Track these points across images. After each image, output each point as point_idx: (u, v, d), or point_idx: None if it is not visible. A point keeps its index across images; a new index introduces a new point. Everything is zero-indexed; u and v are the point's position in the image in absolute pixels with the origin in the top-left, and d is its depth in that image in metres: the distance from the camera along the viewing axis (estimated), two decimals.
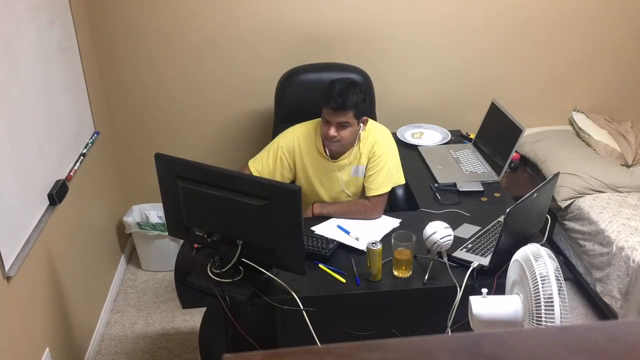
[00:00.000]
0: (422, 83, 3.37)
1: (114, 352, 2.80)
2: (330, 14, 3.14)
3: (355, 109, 2.32)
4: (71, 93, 2.63)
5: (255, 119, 3.33)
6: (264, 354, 0.68)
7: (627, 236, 2.71)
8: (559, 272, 1.59)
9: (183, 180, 1.96)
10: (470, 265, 2.04)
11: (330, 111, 2.31)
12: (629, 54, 3.46)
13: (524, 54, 3.36)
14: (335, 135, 2.33)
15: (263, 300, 1.95)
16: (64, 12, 2.61)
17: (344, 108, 2.29)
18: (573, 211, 3.02)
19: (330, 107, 2.30)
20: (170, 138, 3.32)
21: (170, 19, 3.07)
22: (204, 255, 2.11)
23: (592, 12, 3.31)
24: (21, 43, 2.14)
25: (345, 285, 2.04)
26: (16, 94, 2.08)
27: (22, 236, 2.07)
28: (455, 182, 2.77)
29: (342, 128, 2.33)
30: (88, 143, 2.78)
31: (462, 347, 0.69)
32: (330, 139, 2.35)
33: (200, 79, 3.22)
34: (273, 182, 2.03)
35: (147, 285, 3.25)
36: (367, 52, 3.20)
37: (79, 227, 2.71)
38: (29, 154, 2.17)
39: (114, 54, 3.11)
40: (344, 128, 2.33)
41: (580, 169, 3.08)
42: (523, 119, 2.86)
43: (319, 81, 2.51)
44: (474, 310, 1.65)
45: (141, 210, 3.32)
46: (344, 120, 2.32)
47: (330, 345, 0.68)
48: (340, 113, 2.30)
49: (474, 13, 3.23)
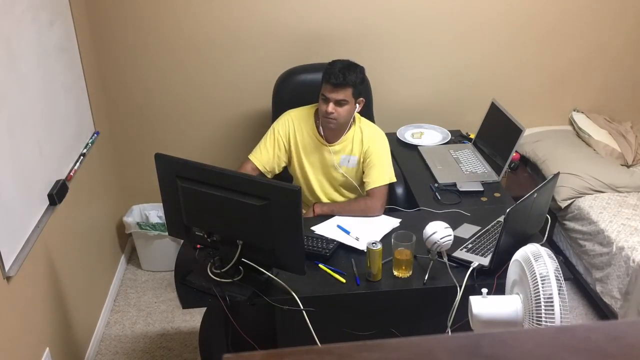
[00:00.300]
0: (422, 83, 3.37)
1: (114, 352, 2.80)
2: (329, 14, 3.14)
3: (354, 87, 2.38)
4: (71, 93, 2.63)
5: (254, 118, 3.33)
6: (264, 354, 0.68)
7: (627, 236, 2.71)
8: (559, 272, 1.59)
9: (183, 180, 1.96)
10: (470, 265, 2.03)
11: (330, 87, 2.37)
12: (629, 54, 3.46)
13: (524, 54, 3.36)
14: (332, 112, 2.39)
15: (263, 300, 1.94)
16: (64, 12, 2.61)
17: (344, 84, 2.35)
18: (573, 211, 3.02)
19: (331, 82, 2.36)
20: (170, 138, 3.32)
21: (169, 19, 3.07)
22: (204, 255, 2.11)
23: (592, 12, 3.31)
24: (21, 43, 2.14)
25: (345, 285, 2.04)
26: (16, 94, 2.08)
27: (22, 236, 2.07)
28: (455, 182, 2.77)
29: (340, 105, 2.39)
30: (88, 143, 2.78)
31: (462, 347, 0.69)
32: (328, 115, 2.40)
33: (200, 78, 3.22)
34: (273, 182, 2.03)
35: (147, 285, 3.25)
36: (366, 52, 3.20)
37: (79, 227, 2.71)
38: (29, 154, 2.17)
39: (114, 54, 3.11)
40: (341, 106, 2.39)
41: (580, 169, 3.08)
42: (523, 119, 2.86)
43: (316, 81, 2.52)
44: (474, 310, 1.65)
45: (141, 210, 3.32)
46: (342, 97, 2.38)
47: (330, 345, 0.68)
48: (339, 89, 2.36)
49: (473, 13, 3.23)
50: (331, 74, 2.36)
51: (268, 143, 2.55)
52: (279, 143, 2.54)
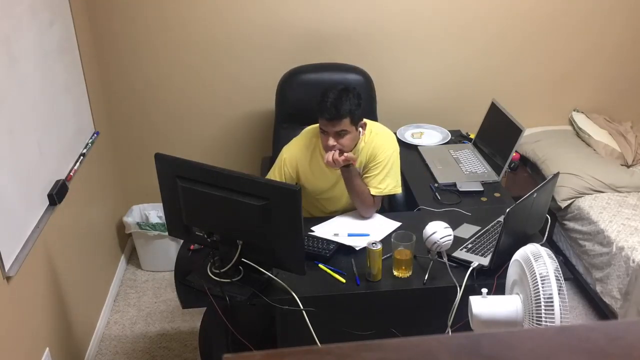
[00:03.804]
0: (422, 83, 3.37)
1: (114, 352, 2.80)
2: (330, 15, 3.14)
3: (351, 116, 2.27)
4: (71, 93, 2.63)
5: (256, 119, 3.33)
6: (264, 354, 0.68)
7: (627, 236, 2.70)
8: (559, 272, 1.59)
9: (183, 180, 1.96)
10: (470, 265, 2.03)
11: (325, 121, 2.28)
12: (629, 54, 3.46)
13: (524, 54, 3.37)
14: (335, 145, 2.29)
15: (263, 300, 1.94)
16: (64, 12, 2.61)
17: (338, 117, 2.25)
18: (573, 211, 3.02)
19: (325, 117, 2.27)
20: (170, 138, 3.32)
21: (170, 19, 3.07)
22: (204, 256, 2.11)
23: (592, 12, 3.31)
24: (21, 43, 2.14)
25: (345, 285, 2.04)
26: (16, 94, 2.08)
27: (22, 236, 2.07)
28: (455, 182, 2.77)
29: (341, 136, 2.30)
30: (88, 143, 2.78)
31: (462, 347, 0.69)
32: (331, 149, 2.30)
33: (201, 79, 3.22)
34: (273, 182, 2.03)
35: (147, 285, 3.25)
36: (367, 52, 3.20)
37: (79, 227, 2.71)
38: (29, 154, 2.17)
39: (114, 54, 3.11)
40: (342, 136, 2.30)
41: (580, 169, 3.08)
42: (523, 119, 2.86)
43: (319, 81, 2.51)
44: (474, 310, 1.65)
45: (141, 210, 3.32)
46: (340, 128, 2.28)
47: (330, 345, 0.68)
48: (335, 122, 2.26)
49: (474, 13, 3.23)
50: (323, 109, 2.25)
51: (277, 173, 2.47)
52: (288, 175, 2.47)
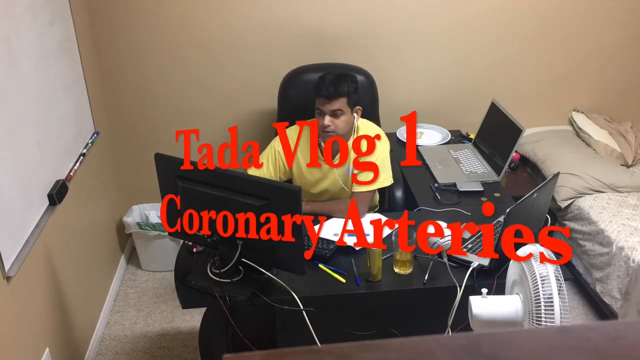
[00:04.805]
0: (423, 83, 3.37)
1: (114, 352, 2.80)
2: (332, 14, 3.14)
3: (348, 97, 2.32)
4: (71, 93, 2.63)
5: (258, 118, 3.33)
6: (264, 354, 0.68)
7: (627, 236, 2.71)
8: (559, 272, 1.59)
9: (183, 180, 1.96)
10: (470, 265, 2.03)
11: (322, 100, 2.32)
12: (629, 54, 3.46)
13: (524, 54, 3.36)
14: (329, 125, 2.33)
15: (263, 300, 1.94)
16: (64, 12, 2.61)
17: (335, 95, 2.30)
18: (573, 211, 3.02)
19: (323, 95, 2.31)
20: (170, 138, 3.32)
21: (170, 19, 3.07)
22: (204, 256, 2.11)
23: (592, 12, 3.31)
24: (21, 43, 2.14)
25: (345, 285, 2.04)
26: (16, 94, 2.08)
27: (22, 236, 2.07)
28: (455, 182, 2.77)
29: (336, 117, 2.34)
30: (88, 143, 2.78)
31: (462, 347, 0.69)
32: (325, 128, 2.34)
33: (202, 78, 3.22)
34: (273, 182, 2.03)
35: (147, 285, 3.25)
36: (368, 52, 3.20)
37: (79, 227, 2.71)
38: (29, 154, 2.17)
39: (114, 54, 3.11)
40: (338, 117, 2.34)
41: (580, 169, 3.08)
42: (523, 119, 2.86)
43: None
44: (474, 310, 1.65)
45: (141, 210, 3.32)
46: (337, 107, 2.32)
47: (330, 345, 0.68)
48: (333, 100, 2.31)
49: (474, 14, 3.23)
50: (322, 87, 2.31)
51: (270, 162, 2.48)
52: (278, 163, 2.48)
